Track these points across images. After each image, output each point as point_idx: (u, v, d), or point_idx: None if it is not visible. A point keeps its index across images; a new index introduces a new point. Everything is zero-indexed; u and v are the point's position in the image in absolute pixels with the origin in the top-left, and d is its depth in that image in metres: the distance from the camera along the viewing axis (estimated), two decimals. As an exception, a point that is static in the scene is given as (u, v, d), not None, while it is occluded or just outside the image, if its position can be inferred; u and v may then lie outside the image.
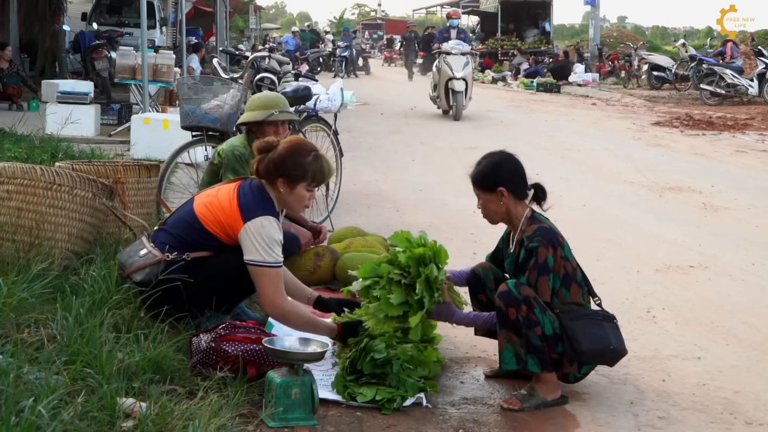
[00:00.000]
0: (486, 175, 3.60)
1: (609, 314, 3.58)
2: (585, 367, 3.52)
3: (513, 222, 3.61)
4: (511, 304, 3.35)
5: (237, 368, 3.34)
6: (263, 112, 4.95)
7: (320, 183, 3.75)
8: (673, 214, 7.47)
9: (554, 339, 3.38)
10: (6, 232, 4.04)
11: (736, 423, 3.38)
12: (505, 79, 28.68)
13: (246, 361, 3.36)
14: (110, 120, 11.44)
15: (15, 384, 2.66)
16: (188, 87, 5.87)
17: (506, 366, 3.46)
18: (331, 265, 4.93)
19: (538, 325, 3.34)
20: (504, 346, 3.44)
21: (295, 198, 3.70)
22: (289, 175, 3.64)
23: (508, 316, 3.37)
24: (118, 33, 16.54)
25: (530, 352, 3.38)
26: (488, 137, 12.81)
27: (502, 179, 3.57)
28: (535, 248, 3.45)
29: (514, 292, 3.36)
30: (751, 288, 5.28)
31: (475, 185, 3.64)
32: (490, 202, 3.60)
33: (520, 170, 3.63)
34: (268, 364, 3.35)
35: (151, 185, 5.09)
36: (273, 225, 3.61)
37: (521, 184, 3.60)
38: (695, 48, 25.82)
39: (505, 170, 3.61)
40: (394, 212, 7.35)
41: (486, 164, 3.63)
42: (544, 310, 3.38)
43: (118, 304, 3.56)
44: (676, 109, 17.94)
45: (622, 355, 3.55)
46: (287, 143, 3.73)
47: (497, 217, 3.64)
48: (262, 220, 3.58)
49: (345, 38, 32.61)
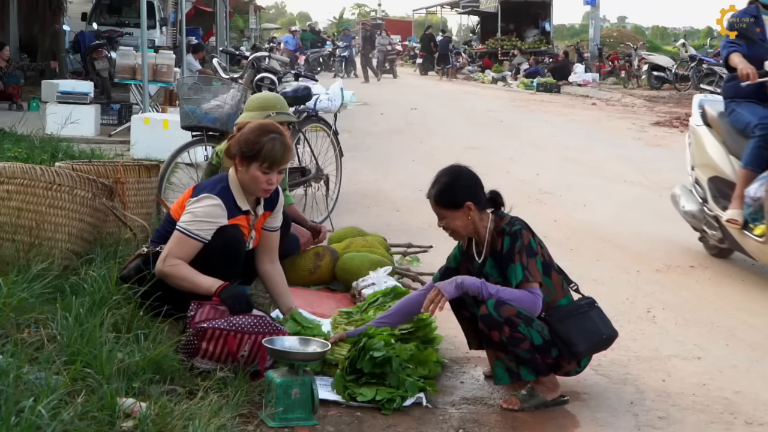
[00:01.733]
0: (448, 194, 3.53)
1: (589, 300, 3.56)
2: (584, 360, 3.53)
3: (480, 232, 3.55)
4: (493, 327, 3.33)
5: (221, 344, 3.36)
6: (261, 112, 4.96)
7: (272, 166, 3.74)
8: (673, 214, 7.45)
9: (546, 346, 3.36)
10: (6, 232, 4.03)
11: (736, 423, 3.37)
12: (505, 79, 28.70)
13: (224, 332, 3.38)
14: (110, 120, 11.45)
15: (15, 384, 2.66)
16: (188, 87, 5.87)
17: (500, 382, 3.46)
18: (331, 265, 4.93)
19: (524, 340, 3.32)
20: (494, 363, 3.46)
21: (250, 178, 3.77)
22: (243, 153, 3.75)
23: (492, 338, 3.36)
24: (118, 33, 16.53)
25: (521, 364, 3.39)
26: (488, 137, 12.83)
27: (464, 194, 3.51)
28: (519, 231, 3.45)
29: (494, 315, 3.31)
30: (751, 288, 5.28)
31: (437, 205, 3.56)
32: (456, 219, 3.53)
33: (478, 181, 3.59)
34: (248, 333, 3.39)
35: (151, 185, 5.09)
36: (212, 203, 3.73)
37: (481, 195, 3.57)
38: (695, 48, 25.83)
39: (466, 184, 3.55)
40: (394, 212, 7.35)
41: (444, 182, 3.55)
42: (530, 322, 3.34)
43: (118, 304, 3.56)
44: (676, 109, 17.94)
45: (615, 338, 3.56)
46: (253, 124, 3.84)
47: (464, 231, 3.57)
48: (203, 196, 3.76)
49: (345, 38, 32.60)
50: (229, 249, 3.76)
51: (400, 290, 4.19)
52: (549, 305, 3.45)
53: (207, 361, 3.38)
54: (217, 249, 3.71)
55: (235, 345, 3.39)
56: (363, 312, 4.05)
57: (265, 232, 4.03)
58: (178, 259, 3.67)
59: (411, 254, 5.71)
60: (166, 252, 3.69)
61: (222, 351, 3.39)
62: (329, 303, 4.61)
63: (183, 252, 3.68)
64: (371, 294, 4.23)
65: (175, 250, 3.68)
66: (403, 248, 5.80)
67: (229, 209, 3.77)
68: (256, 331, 3.42)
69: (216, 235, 3.72)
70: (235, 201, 3.82)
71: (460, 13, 41.86)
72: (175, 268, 3.66)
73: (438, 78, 31.14)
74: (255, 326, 3.44)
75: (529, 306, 3.35)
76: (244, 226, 3.86)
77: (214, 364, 3.37)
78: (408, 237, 6.16)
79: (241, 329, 3.41)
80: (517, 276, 3.38)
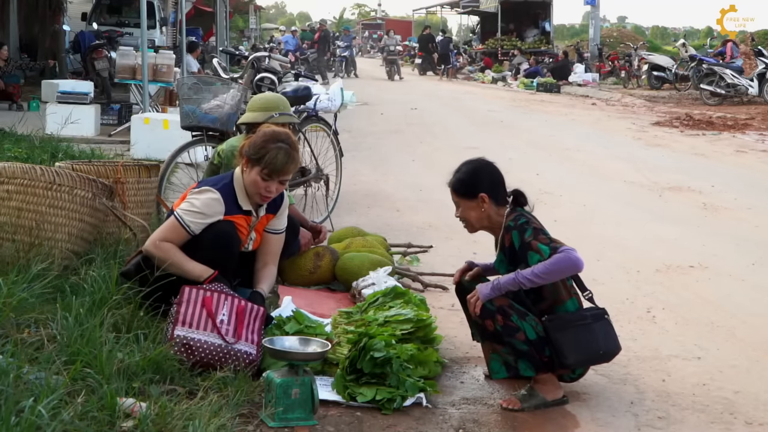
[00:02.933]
0: (466, 183, 3.59)
1: (599, 310, 3.51)
2: (578, 369, 3.53)
3: (494, 228, 3.60)
4: (487, 317, 3.37)
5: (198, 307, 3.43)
6: (263, 113, 4.97)
7: (271, 174, 3.79)
8: (673, 214, 7.46)
9: (540, 343, 3.37)
10: (6, 232, 4.04)
11: (736, 423, 3.37)
12: (505, 79, 28.69)
13: (200, 291, 3.46)
14: (110, 120, 11.45)
15: (15, 384, 2.66)
16: (188, 87, 5.87)
17: (496, 375, 3.48)
18: (331, 265, 4.93)
19: (518, 331, 3.34)
20: (490, 356, 3.47)
21: (250, 182, 3.83)
22: (250, 156, 3.82)
23: (486, 328, 3.39)
24: (118, 33, 16.53)
25: (520, 358, 3.39)
26: (488, 137, 12.82)
27: (482, 186, 3.56)
28: (525, 222, 3.48)
29: (486, 305, 3.37)
30: (751, 288, 5.28)
31: (454, 193, 3.63)
32: (471, 209, 3.58)
33: (499, 176, 3.63)
34: (225, 293, 3.49)
35: (151, 185, 5.09)
36: (211, 197, 3.78)
37: (501, 191, 3.60)
38: (695, 48, 25.83)
39: (485, 177, 3.60)
40: (394, 212, 7.35)
41: (465, 171, 3.62)
42: (523, 315, 3.37)
43: (118, 304, 3.57)
44: (676, 109, 17.94)
45: (615, 354, 3.54)
46: (268, 130, 3.90)
47: (478, 224, 3.61)
48: (205, 188, 3.83)
49: (345, 38, 32.58)
50: (221, 244, 3.76)
51: (400, 290, 4.19)
52: (554, 305, 3.45)
53: (187, 328, 3.38)
54: (208, 243, 3.73)
55: (212, 305, 3.42)
56: (363, 312, 4.04)
57: (268, 234, 4.03)
58: (168, 242, 3.72)
59: (411, 254, 5.71)
60: (158, 233, 3.77)
61: (200, 315, 3.41)
62: (329, 303, 4.61)
63: (173, 237, 3.74)
64: (371, 294, 4.23)
65: (166, 234, 3.75)
66: (403, 248, 5.80)
67: (228, 206, 3.78)
68: (232, 294, 3.50)
69: (207, 229, 3.75)
70: (237, 199, 3.83)
71: (460, 13, 41.86)
72: (164, 251, 3.69)
73: (438, 78, 31.13)
74: (231, 291, 3.52)
75: (566, 265, 3.34)
76: (242, 225, 3.87)
77: (194, 331, 3.38)
78: (408, 237, 6.16)
79: (218, 290, 3.49)
80: (544, 253, 3.37)
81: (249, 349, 3.47)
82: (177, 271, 3.66)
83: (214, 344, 3.40)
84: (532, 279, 3.33)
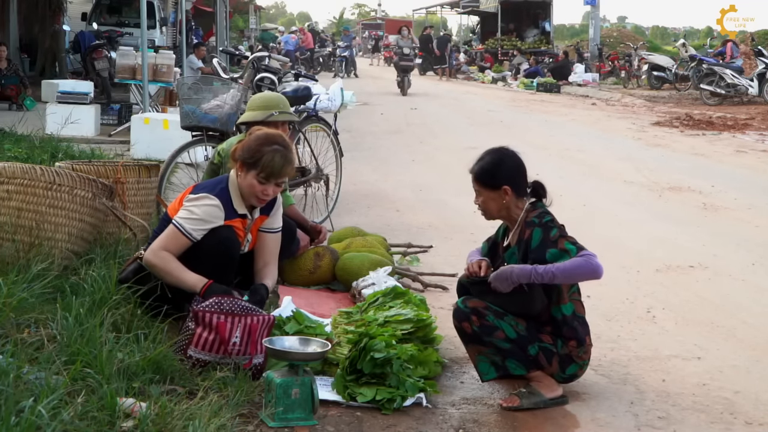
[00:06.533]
0: (489, 173, 3.55)
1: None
2: (569, 368, 3.48)
3: (512, 219, 3.58)
4: (463, 319, 3.39)
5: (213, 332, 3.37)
6: (263, 112, 4.97)
7: (269, 177, 3.76)
8: (673, 214, 7.46)
9: (522, 341, 3.38)
10: (6, 232, 4.03)
11: (736, 423, 3.37)
12: (505, 79, 28.70)
13: (214, 315, 3.39)
14: (110, 120, 11.45)
15: (15, 384, 2.66)
16: (188, 87, 5.87)
17: (486, 377, 3.47)
18: (331, 265, 4.93)
19: (497, 329, 3.36)
20: (477, 359, 3.46)
21: (247, 185, 3.80)
22: (245, 159, 3.78)
23: (465, 330, 3.41)
24: (118, 33, 16.53)
25: (506, 357, 3.39)
26: (488, 137, 12.82)
27: (505, 177, 3.53)
28: (551, 221, 3.47)
29: (461, 307, 3.40)
30: (751, 288, 5.28)
31: (476, 182, 3.59)
32: (492, 200, 3.56)
33: (522, 168, 3.61)
34: (237, 315, 3.42)
35: (151, 185, 5.09)
36: (211, 204, 3.75)
37: (523, 182, 3.58)
38: (695, 48, 25.84)
39: (508, 168, 3.57)
40: (394, 212, 7.34)
41: (489, 161, 3.58)
42: (500, 315, 3.38)
43: (117, 304, 3.57)
44: (676, 109, 17.94)
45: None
46: (261, 132, 3.86)
47: (497, 214, 3.60)
48: (203, 195, 3.78)
49: (345, 38, 32.59)
50: (222, 250, 3.76)
51: (399, 290, 4.19)
52: (557, 304, 3.45)
53: (200, 351, 3.38)
54: (211, 249, 3.71)
55: (225, 331, 3.39)
56: (363, 312, 4.05)
57: (263, 234, 4.02)
58: (168, 252, 3.69)
59: (411, 254, 5.71)
60: (157, 243, 3.73)
61: (214, 339, 3.38)
62: (329, 303, 4.61)
63: (173, 246, 3.71)
64: (371, 294, 4.23)
65: (166, 243, 3.71)
66: (403, 248, 5.80)
67: (227, 211, 3.77)
68: (244, 313, 3.46)
69: (209, 236, 3.73)
70: (233, 203, 3.81)
71: (460, 13, 41.85)
72: (163, 261, 3.67)
73: (438, 78, 31.13)
74: (243, 309, 3.48)
75: (587, 270, 3.33)
76: (239, 228, 3.86)
77: (206, 354, 3.37)
78: (408, 237, 6.16)
79: (231, 311, 3.44)
80: (572, 253, 3.35)
81: (257, 360, 3.46)
82: (173, 280, 3.66)
83: (225, 362, 3.40)
84: (551, 275, 3.30)
